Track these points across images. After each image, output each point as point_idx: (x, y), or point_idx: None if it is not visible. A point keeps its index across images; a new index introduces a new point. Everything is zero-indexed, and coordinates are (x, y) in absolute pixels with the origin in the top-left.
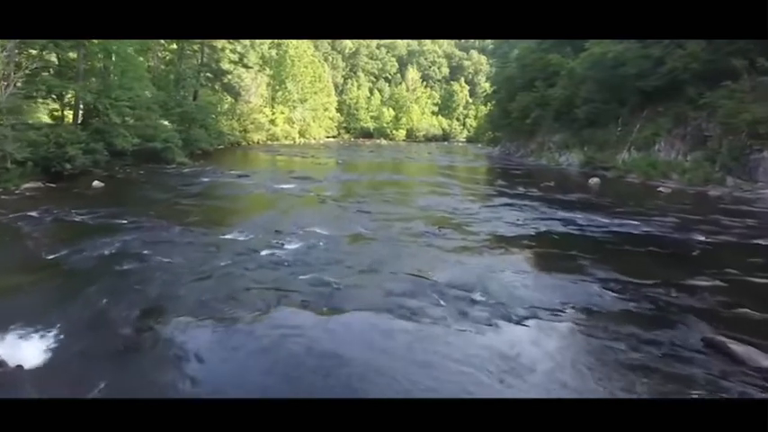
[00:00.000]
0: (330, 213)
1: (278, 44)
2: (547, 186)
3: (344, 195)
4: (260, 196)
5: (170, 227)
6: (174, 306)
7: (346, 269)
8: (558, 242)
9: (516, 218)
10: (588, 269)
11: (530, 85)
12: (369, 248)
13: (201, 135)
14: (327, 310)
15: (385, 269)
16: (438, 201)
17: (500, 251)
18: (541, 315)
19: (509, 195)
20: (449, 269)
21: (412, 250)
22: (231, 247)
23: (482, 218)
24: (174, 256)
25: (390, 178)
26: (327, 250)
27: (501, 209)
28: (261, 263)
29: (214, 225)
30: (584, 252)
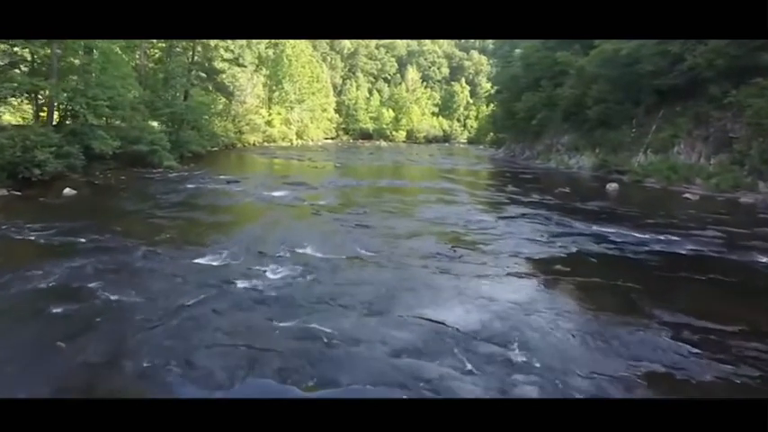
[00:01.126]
0: (325, 228)
1: (275, 43)
2: (562, 193)
3: (342, 205)
4: (247, 206)
5: (135, 247)
6: (99, 378)
7: (342, 311)
8: (596, 267)
9: (539, 233)
10: (647, 308)
11: (535, 84)
12: (370, 277)
13: (192, 137)
14: (313, 385)
15: (391, 309)
16: (446, 211)
17: (530, 280)
18: (610, 389)
19: (524, 204)
20: (473, 309)
21: (423, 279)
22: (202, 277)
23: (500, 233)
24: (127, 292)
25: (392, 184)
26: (319, 281)
27: (519, 221)
28: (235, 301)
29: (188, 244)
30: (633, 281)
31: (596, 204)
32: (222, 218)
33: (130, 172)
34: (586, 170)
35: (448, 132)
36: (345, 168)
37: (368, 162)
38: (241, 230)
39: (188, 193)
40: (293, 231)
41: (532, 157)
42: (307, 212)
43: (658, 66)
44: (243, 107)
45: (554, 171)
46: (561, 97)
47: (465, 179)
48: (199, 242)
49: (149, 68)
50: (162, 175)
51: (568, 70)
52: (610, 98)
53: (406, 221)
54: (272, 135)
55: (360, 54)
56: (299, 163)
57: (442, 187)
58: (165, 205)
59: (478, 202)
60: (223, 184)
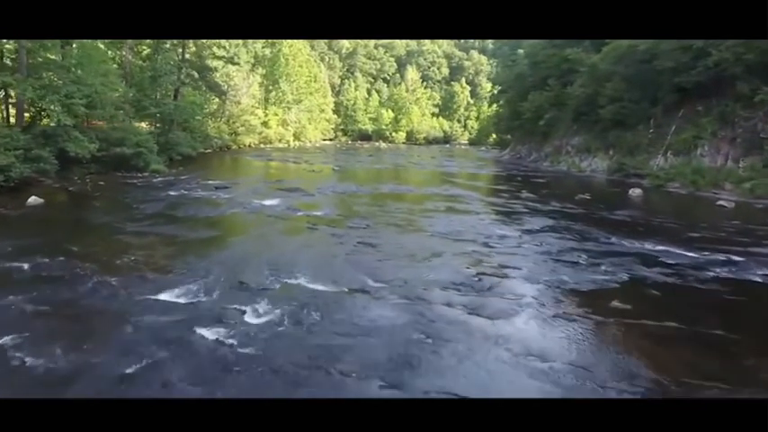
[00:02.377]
0: (322, 249)
1: (272, 42)
2: (583, 200)
3: (341, 216)
4: (233, 219)
5: (85, 277)
6: None
7: (341, 382)
8: (661, 303)
9: (574, 252)
10: (764, 374)
11: (542, 83)
12: (380, 323)
13: (183, 138)
14: None
15: (411, 383)
16: (460, 223)
17: (589, 326)
18: None
19: (544, 213)
20: (521, 377)
21: (449, 326)
22: (160, 324)
23: (528, 252)
24: (49, 351)
25: (395, 190)
26: (313, 330)
27: (546, 236)
28: (195, 366)
29: (153, 271)
30: (721, 327)
31: (625, 214)
32: (202, 234)
33: (112, 177)
34: (600, 173)
35: (448, 133)
36: (344, 172)
37: (368, 165)
38: (221, 252)
39: (169, 201)
40: (284, 253)
41: (540, 159)
42: (301, 226)
43: (679, 62)
44: (238, 107)
45: (566, 174)
46: (571, 96)
47: (473, 184)
48: (167, 269)
49: (136, 65)
50: (146, 181)
51: (578, 68)
52: (625, 97)
53: (417, 238)
54: (268, 136)
55: (358, 54)
56: (295, 166)
57: (451, 194)
58: (139, 217)
59: (494, 211)
60: (211, 190)
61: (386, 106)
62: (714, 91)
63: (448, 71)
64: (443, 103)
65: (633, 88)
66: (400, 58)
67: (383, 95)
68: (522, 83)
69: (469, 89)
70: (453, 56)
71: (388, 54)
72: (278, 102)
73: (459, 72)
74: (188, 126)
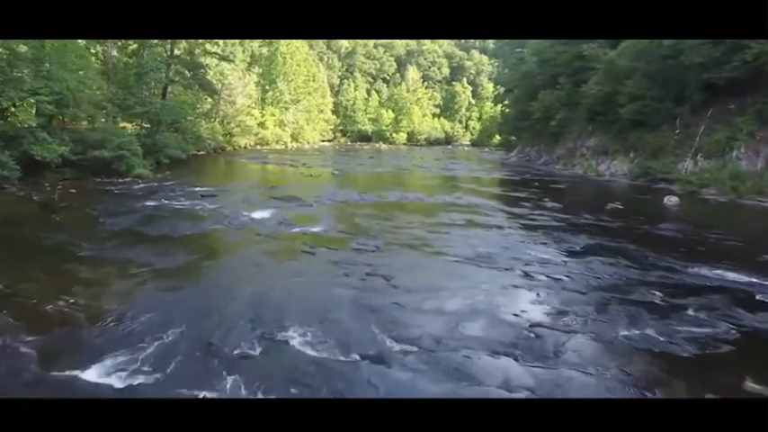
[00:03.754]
0: (321, 286)
1: (269, 41)
2: (616, 210)
3: (344, 234)
4: (214, 239)
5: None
6: None
7: None
8: None
9: (645, 289)
10: None
11: (552, 82)
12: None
13: (171, 140)
14: None
15: None
16: (487, 242)
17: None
18: None
19: (580, 229)
20: None
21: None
22: None
23: (584, 287)
24: None
25: (403, 198)
26: None
27: (595, 263)
28: None
29: (91, 323)
30: None
31: (672, 228)
32: (172, 261)
33: (89, 183)
34: (621, 177)
35: (450, 134)
36: (345, 177)
37: (369, 168)
38: (190, 291)
39: (144, 214)
40: (271, 293)
41: (552, 162)
42: (295, 249)
43: (710, 57)
44: (233, 107)
45: (583, 179)
46: (585, 95)
47: (487, 190)
48: (111, 319)
49: (121, 61)
50: (125, 187)
51: (593, 65)
52: (647, 95)
53: (439, 265)
54: (264, 137)
55: (357, 53)
56: (292, 170)
57: (466, 203)
58: (101, 236)
59: (520, 225)
60: (195, 199)
61: (386, 107)
62: (749, 88)
63: (448, 71)
64: (444, 104)
65: (656, 86)
66: (400, 58)
67: (383, 96)
68: (529, 81)
69: (471, 89)
70: (454, 56)
71: (387, 54)
72: (275, 102)
73: (459, 72)
74: (179, 127)
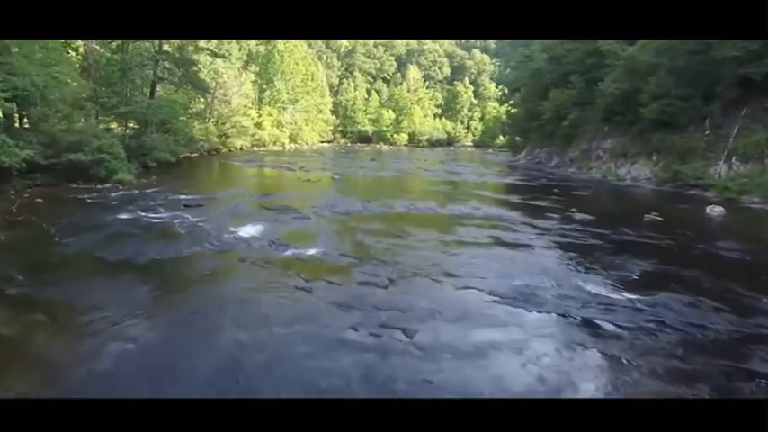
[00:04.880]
0: (315, 352)
1: None
2: (656, 223)
3: (347, 260)
4: (187, 267)
5: None
6: None
7: None
8: None
9: (757, 343)
10: None
11: (563, 80)
12: None
13: (159, 142)
14: None
15: None
16: (522, 268)
17: None
18: None
19: (627, 249)
20: None
21: None
22: None
23: (682, 344)
24: None
25: (413, 208)
26: None
27: (671, 302)
28: None
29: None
30: None
31: (737, 248)
32: (125, 304)
33: (61, 190)
34: (644, 182)
35: (451, 135)
36: (345, 182)
37: (371, 172)
38: (144, 350)
39: (112, 230)
40: (254, 355)
41: (564, 165)
42: (288, 283)
43: (746, 50)
44: (228, 107)
45: (604, 184)
46: (603, 94)
47: (504, 198)
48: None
49: (103, 56)
50: (101, 195)
51: (608, 62)
52: (672, 93)
53: (472, 307)
54: (261, 138)
55: (357, 52)
56: (288, 174)
57: (485, 214)
58: (47, 263)
59: (554, 243)
60: (177, 210)
61: (386, 107)
62: None
63: (449, 71)
64: (446, 104)
65: (682, 83)
66: (400, 58)
67: (383, 96)
68: (538, 80)
69: (472, 89)
70: (455, 55)
71: (387, 53)
72: (272, 101)
73: (460, 72)
74: (170, 128)
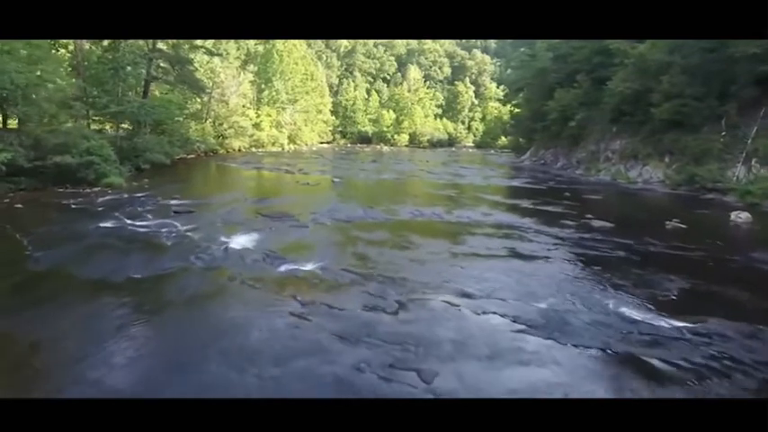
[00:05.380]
0: (314, 396)
1: None
2: (679, 230)
3: (349, 277)
4: (169, 287)
5: None
6: None
7: None
8: None
9: None
10: None
11: (569, 79)
12: None
13: (153, 143)
14: None
15: None
16: (547, 289)
17: None
18: None
19: (655, 262)
20: None
21: None
22: None
23: (749, 382)
24: None
25: (418, 215)
26: None
27: (722, 329)
28: None
29: None
30: None
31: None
32: (92, 336)
33: (46, 194)
34: (657, 185)
35: (453, 136)
36: (346, 186)
37: (373, 174)
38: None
39: (91, 241)
40: None
41: (571, 167)
42: (281, 311)
43: (766, 47)
44: (226, 108)
45: (615, 187)
46: (611, 93)
47: (514, 203)
48: None
49: (94, 54)
50: (87, 201)
51: (616, 61)
52: (686, 92)
53: (494, 338)
54: (260, 139)
55: (357, 52)
56: (287, 176)
57: (496, 221)
58: (10, 282)
59: (575, 256)
60: (166, 217)
61: (387, 107)
62: None
63: (450, 71)
64: (447, 104)
65: (695, 82)
66: (400, 57)
67: (383, 96)
68: (543, 79)
69: (473, 89)
70: (455, 55)
71: (388, 53)
72: (271, 102)
73: (461, 72)
74: (165, 128)
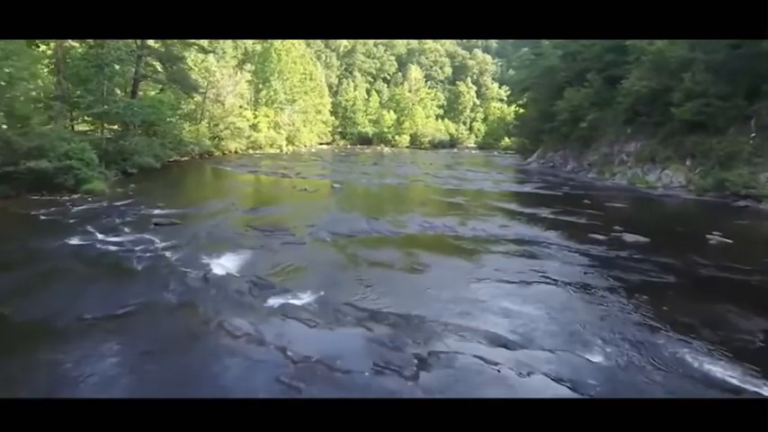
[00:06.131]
0: None
1: None
2: (725, 246)
3: (352, 312)
4: (126, 331)
5: None
6: None
7: None
8: None
9: None
10: None
11: (579, 78)
12: None
13: (142, 146)
14: None
15: None
16: (604, 334)
17: None
18: None
19: (712, 289)
20: None
21: None
22: None
23: None
24: None
25: (428, 227)
26: None
27: None
28: None
29: None
30: None
31: None
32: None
33: (18, 202)
34: (680, 190)
35: (454, 136)
36: (347, 192)
37: (375, 179)
38: None
39: (49, 265)
40: None
41: (582, 170)
42: (265, 379)
43: None
44: (222, 108)
45: (635, 192)
46: (626, 92)
47: (532, 213)
48: None
49: (75, 50)
50: (60, 210)
51: (630, 58)
52: (710, 91)
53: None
54: (257, 141)
55: (357, 52)
56: (284, 181)
57: (516, 235)
58: None
59: (617, 281)
60: (145, 231)
61: (387, 107)
62: None
63: (451, 70)
64: (448, 105)
65: (720, 80)
66: (401, 57)
67: (384, 96)
68: (551, 78)
69: (475, 89)
70: (456, 55)
71: (388, 53)
72: (269, 102)
73: (462, 71)
74: (157, 130)
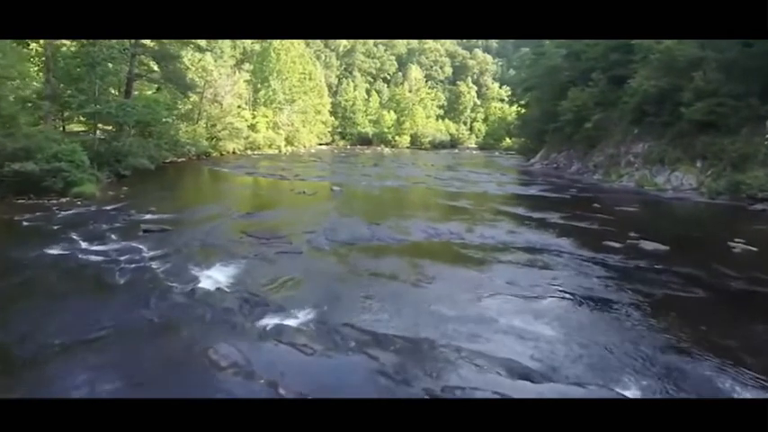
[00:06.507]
0: None
1: None
2: (749, 255)
3: (353, 335)
4: (98, 361)
5: None
6: None
7: None
8: None
9: None
10: None
11: (583, 78)
12: None
13: (136, 147)
14: None
15: None
16: (637, 364)
17: None
18: None
19: (756, 307)
20: None
21: None
22: None
23: None
24: None
25: (434, 233)
26: None
27: None
28: None
29: None
30: None
31: None
32: None
33: (2, 207)
34: (692, 193)
35: (455, 137)
36: (347, 196)
37: (376, 181)
38: None
39: (24, 278)
40: None
41: (587, 171)
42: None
43: None
44: (220, 108)
45: (644, 195)
46: (633, 92)
47: (542, 218)
48: None
49: (66, 47)
50: (45, 216)
51: (636, 57)
52: (722, 90)
53: None
54: (255, 141)
55: (357, 52)
56: (282, 183)
57: (527, 243)
58: None
59: (642, 296)
60: (133, 238)
61: (387, 107)
62: None
63: (451, 70)
64: (448, 105)
65: (733, 79)
66: (401, 57)
67: (384, 96)
68: (554, 78)
69: (475, 89)
70: (456, 55)
71: (388, 52)
72: (268, 102)
73: (462, 71)
74: (152, 130)
